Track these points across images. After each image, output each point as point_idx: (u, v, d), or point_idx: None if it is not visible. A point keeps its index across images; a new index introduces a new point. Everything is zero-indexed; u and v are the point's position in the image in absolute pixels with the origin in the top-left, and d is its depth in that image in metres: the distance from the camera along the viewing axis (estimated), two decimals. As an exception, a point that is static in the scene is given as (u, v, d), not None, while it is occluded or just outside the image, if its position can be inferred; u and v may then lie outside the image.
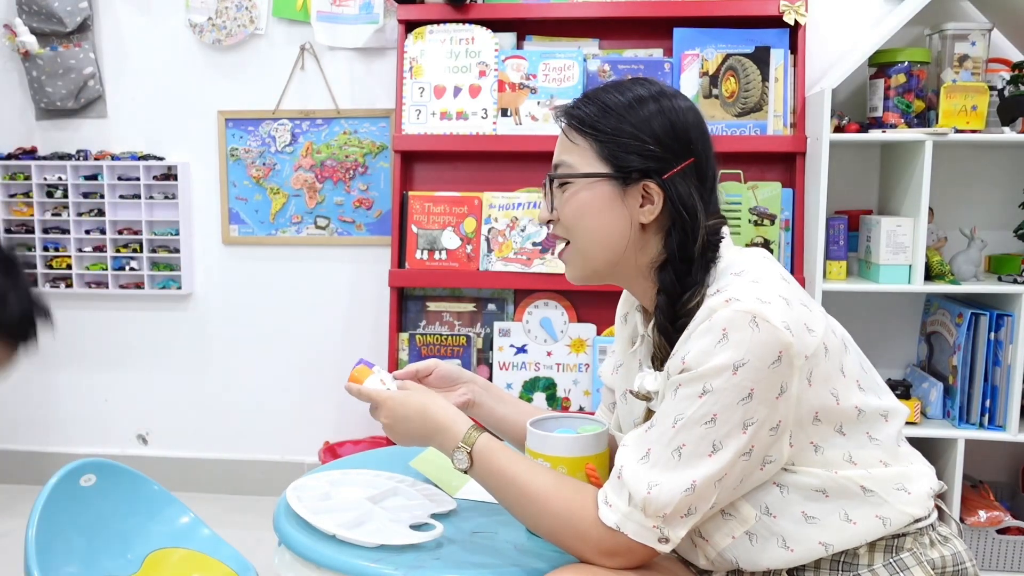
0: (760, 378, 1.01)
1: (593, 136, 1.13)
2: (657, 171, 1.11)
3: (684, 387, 1.03)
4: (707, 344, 1.02)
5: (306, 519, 1.25)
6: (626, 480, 1.05)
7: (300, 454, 3.03)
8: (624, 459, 1.07)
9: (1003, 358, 2.32)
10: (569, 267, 1.22)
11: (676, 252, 1.12)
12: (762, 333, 1.00)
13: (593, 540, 1.07)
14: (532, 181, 2.70)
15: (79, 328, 3.08)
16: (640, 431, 1.09)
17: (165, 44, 2.93)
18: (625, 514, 1.05)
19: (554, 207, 1.18)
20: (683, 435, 1.03)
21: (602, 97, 1.15)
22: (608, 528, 1.06)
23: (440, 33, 2.64)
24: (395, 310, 2.69)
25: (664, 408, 1.06)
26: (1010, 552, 2.38)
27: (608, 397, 1.41)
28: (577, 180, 1.15)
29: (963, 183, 2.58)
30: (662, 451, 1.04)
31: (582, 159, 1.14)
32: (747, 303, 1.02)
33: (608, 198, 1.13)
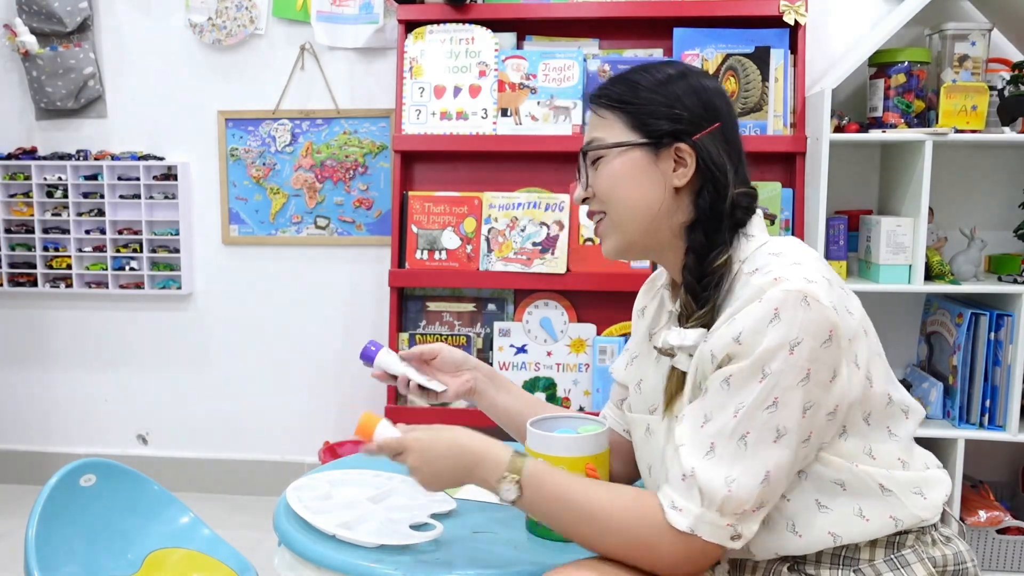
0: (815, 358, 1.01)
1: (622, 108, 1.16)
2: (687, 132, 1.14)
3: (739, 375, 1.02)
4: (758, 323, 1.01)
5: (306, 519, 1.25)
6: (700, 480, 1.02)
7: (300, 454, 3.03)
8: (687, 457, 1.04)
9: (1003, 358, 2.32)
10: (606, 240, 1.21)
11: (707, 211, 1.14)
12: (813, 312, 1.01)
13: (665, 549, 1.03)
14: (532, 181, 2.70)
15: (79, 328, 3.09)
16: (694, 426, 1.05)
17: (165, 44, 2.93)
18: (698, 516, 1.02)
19: (588, 184, 1.19)
20: (746, 423, 1.01)
21: (631, 76, 1.18)
22: (680, 534, 1.02)
23: (440, 33, 2.64)
24: (395, 310, 2.69)
25: (719, 399, 1.04)
26: (1010, 552, 2.38)
27: (618, 394, 1.41)
28: (609, 152, 1.16)
29: (963, 183, 2.58)
30: (727, 443, 1.02)
31: (612, 132, 1.17)
32: (796, 282, 1.02)
33: (641, 165, 1.15)
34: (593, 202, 1.20)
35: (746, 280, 1.08)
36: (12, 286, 3.04)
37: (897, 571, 1.09)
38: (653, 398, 1.24)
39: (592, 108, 1.21)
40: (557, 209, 2.58)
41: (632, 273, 2.53)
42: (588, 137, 1.20)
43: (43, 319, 3.11)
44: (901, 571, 1.09)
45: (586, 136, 1.21)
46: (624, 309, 2.59)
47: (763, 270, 1.06)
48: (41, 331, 3.12)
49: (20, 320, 3.12)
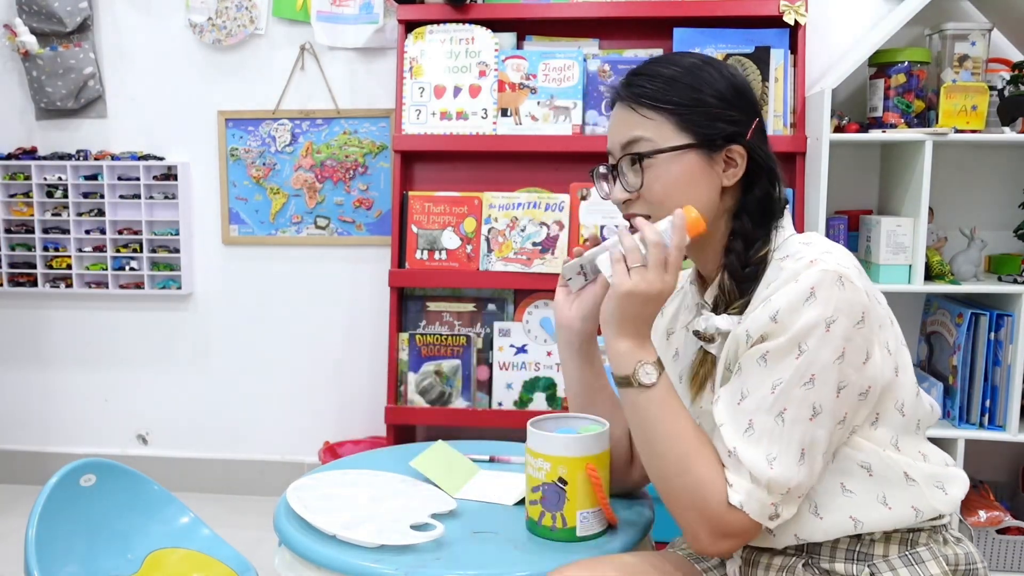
0: (849, 337, 1.03)
1: (669, 110, 1.14)
2: (739, 134, 1.15)
3: (776, 352, 1.03)
4: (794, 302, 1.03)
5: (306, 519, 1.25)
6: (743, 458, 1.03)
7: (300, 454, 3.03)
8: (728, 436, 1.05)
9: (1003, 358, 2.32)
10: None
11: (758, 202, 1.16)
12: (848, 292, 1.03)
13: (714, 518, 1.04)
14: (532, 181, 2.70)
15: (79, 328, 3.09)
16: (730, 404, 1.07)
17: (165, 44, 2.93)
18: (748, 492, 1.03)
19: (640, 184, 1.15)
20: (783, 399, 1.03)
21: (656, 70, 1.16)
22: (730, 508, 1.04)
23: (440, 33, 2.64)
24: (395, 310, 2.69)
25: (756, 376, 1.05)
26: (1010, 552, 2.38)
27: None
28: (657, 157, 1.14)
29: (963, 183, 2.58)
30: (765, 418, 1.03)
31: (660, 133, 1.14)
32: (831, 264, 1.04)
33: (697, 168, 1.14)
34: (637, 204, 1.18)
35: (778, 265, 1.10)
36: (12, 286, 3.04)
37: (912, 567, 1.09)
38: None
39: (630, 105, 1.17)
40: (557, 209, 2.58)
41: (632, 273, 2.52)
42: (629, 135, 1.17)
43: (43, 319, 3.11)
44: (916, 568, 1.09)
45: (622, 134, 1.18)
46: (624, 309, 2.60)
47: (794, 256, 1.09)
48: (41, 331, 3.12)
49: (20, 320, 3.12)
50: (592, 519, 1.22)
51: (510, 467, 1.54)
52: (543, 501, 1.22)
